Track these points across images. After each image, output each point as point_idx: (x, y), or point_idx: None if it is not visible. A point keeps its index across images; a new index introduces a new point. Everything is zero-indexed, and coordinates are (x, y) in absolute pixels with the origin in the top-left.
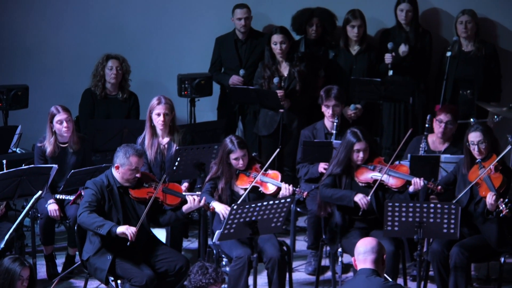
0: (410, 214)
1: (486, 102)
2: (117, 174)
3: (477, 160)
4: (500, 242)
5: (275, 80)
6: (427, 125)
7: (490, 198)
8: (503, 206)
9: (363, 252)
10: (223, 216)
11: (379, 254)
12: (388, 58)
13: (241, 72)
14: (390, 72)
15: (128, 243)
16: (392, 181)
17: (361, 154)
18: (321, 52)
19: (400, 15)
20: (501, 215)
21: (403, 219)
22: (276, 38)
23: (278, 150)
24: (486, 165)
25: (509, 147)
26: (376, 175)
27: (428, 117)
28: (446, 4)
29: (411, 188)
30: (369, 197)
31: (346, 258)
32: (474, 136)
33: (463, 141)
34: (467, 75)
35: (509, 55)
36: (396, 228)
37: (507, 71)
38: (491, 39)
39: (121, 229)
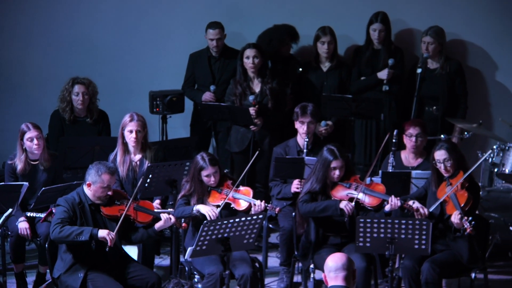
0: (382, 230)
1: (453, 118)
2: (88, 191)
3: (445, 177)
4: (471, 258)
5: (251, 98)
6: (394, 140)
7: (454, 217)
8: (467, 224)
9: (334, 270)
10: (210, 217)
11: (350, 270)
12: (384, 74)
13: (212, 88)
14: (386, 87)
15: (107, 248)
16: (368, 200)
17: (337, 172)
18: (288, 68)
19: (373, 34)
20: (465, 233)
21: (375, 235)
22: (249, 52)
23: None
24: (453, 182)
25: (476, 165)
26: (352, 193)
27: (395, 133)
28: (417, 22)
29: (387, 207)
30: (353, 203)
31: (318, 275)
32: (439, 155)
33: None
34: (432, 92)
35: (476, 72)
36: (368, 244)
37: (474, 88)
38: (458, 56)
39: (102, 232)
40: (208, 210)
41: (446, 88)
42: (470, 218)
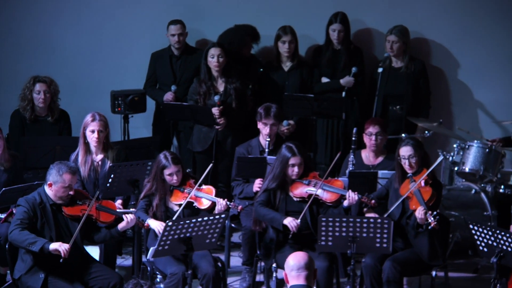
0: (344, 229)
1: (416, 117)
2: (50, 191)
3: (409, 175)
4: (431, 255)
5: (216, 97)
6: (353, 138)
7: (419, 212)
8: (432, 218)
9: (297, 269)
10: (159, 232)
11: (311, 269)
12: (346, 82)
13: (173, 88)
14: (343, 94)
15: (61, 260)
16: (326, 196)
17: (296, 169)
18: (249, 68)
19: (333, 34)
20: (429, 227)
21: (337, 234)
22: (213, 51)
23: (211, 165)
24: (416, 179)
25: (438, 160)
26: (311, 189)
27: (354, 131)
28: (378, 22)
29: (345, 203)
30: (299, 220)
31: (281, 274)
32: (405, 151)
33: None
34: (396, 91)
35: (438, 71)
36: (329, 243)
37: (437, 88)
38: (422, 56)
39: (53, 245)
40: (157, 225)
41: (410, 88)
42: (434, 212)
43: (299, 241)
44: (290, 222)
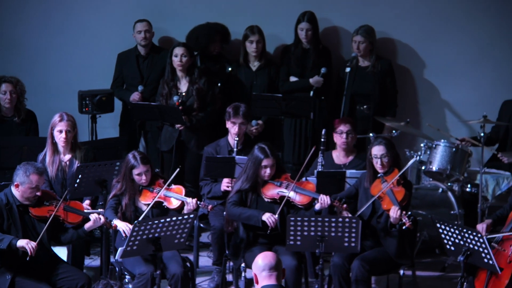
0: (312, 229)
1: (383, 117)
2: (16, 192)
3: (379, 174)
4: (399, 254)
5: (175, 98)
6: (322, 140)
7: (393, 212)
8: (406, 219)
9: (268, 269)
10: (124, 233)
11: (280, 269)
12: (315, 82)
13: (140, 88)
14: (311, 93)
15: (28, 258)
16: (298, 198)
17: (268, 170)
18: (217, 67)
19: (301, 33)
20: (404, 227)
21: (305, 233)
22: (177, 50)
23: (178, 169)
24: (388, 179)
25: (412, 161)
26: (282, 191)
27: (323, 132)
28: (345, 21)
29: (317, 206)
30: (276, 216)
31: (249, 273)
32: (377, 150)
33: (367, 155)
34: (363, 91)
35: (405, 71)
36: (298, 243)
37: (404, 87)
38: (388, 55)
39: (21, 242)
40: (123, 225)
41: (377, 87)
42: (409, 213)
43: (269, 241)
44: (268, 218)
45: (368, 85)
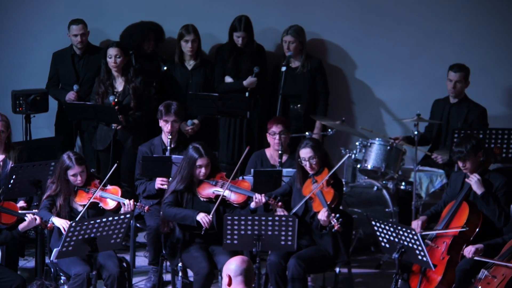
0: (249, 227)
1: (315, 116)
2: None
3: (310, 174)
4: (335, 252)
5: (111, 98)
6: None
7: (322, 214)
8: (335, 221)
9: (245, 273)
10: (64, 230)
11: (253, 275)
12: (248, 83)
13: (75, 87)
14: (246, 94)
15: None
16: (233, 197)
17: (203, 170)
18: (152, 66)
19: (237, 40)
20: (333, 230)
21: (242, 232)
22: (111, 51)
23: (115, 165)
24: (318, 180)
25: (342, 161)
26: (218, 190)
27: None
28: (280, 21)
29: (252, 204)
30: (210, 216)
31: (186, 273)
32: (304, 153)
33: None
34: (294, 91)
35: (339, 71)
36: (235, 242)
37: (338, 86)
38: (319, 55)
39: None
40: (62, 223)
41: (307, 86)
42: (337, 215)
43: (206, 241)
44: (202, 218)
45: (299, 85)
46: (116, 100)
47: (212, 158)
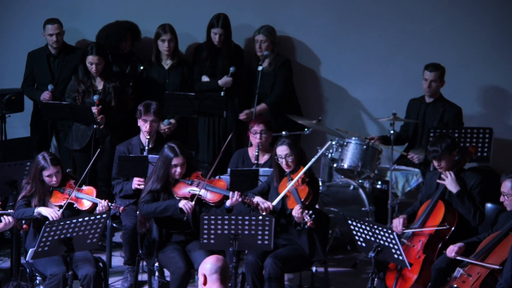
0: (226, 227)
1: (293, 115)
2: None
3: (286, 173)
4: (311, 251)
5: (95, 97)
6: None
7: (296, 212)
8: (308, 217)
9: (220, 272)
10: (52, 218)
11: (229, 274)
12: (224, 82)
13: (50, 87)
14: (222, 93)
15: None
16: (209, 196)
17: (178, 169)
18: (129, 66)
19: (214, 37)
20: (306, 226)
21: (219, 231)
22: (91, 59)
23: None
24: (294, 177)
25: (315, 158)
26: (194, 189)
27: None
28: (255, 21)
29: (228, 203)
30: (193, 202)
31: (162, 273)
32: (281, 150)
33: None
34: (265, 90)
35: (312, 69)
36: (212, 241)
37: (314, 86)
38: (294, 53)
39: None
40: (50, 212)
41: (271, 84)
42: (310, 212)
43: (183, 240)
44: (185, 204)
45: (266, 84)
46: (100, 98)
47: (188, 158)
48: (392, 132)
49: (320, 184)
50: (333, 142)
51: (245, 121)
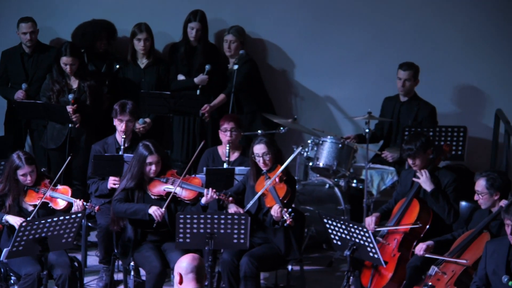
0: (202, 226)
1: (269, 114)
2: None
3: (263, 171)
4: (287, 250)
5: (70, 96)
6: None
7: (275, 209)
8: (287, 215)
9: (196, 271)
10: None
11: (205, 272)
12: (200, 80)
13: (23, 86)
14: (198, 91)
15: None
16: (184, 193)
17: (153, 167)
18: (105, 65)
19: (190, 32)
20: (285, 224)
21: (195, 230)
22: (65, 60)
23: (66, 162)
24: (271, 176)
25: (292, 156)
26: (168, 187)
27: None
28: (231, 20)
29: (203, 200)
30: (163, 209)
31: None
32: (258, 149)
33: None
34: (241, 88)
35: (288, 67)
36: (187, 240)
37: (286, 84)
38: (263, 53)
39: None
40: (17, 220)
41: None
42: (289, 209)
43: (158, 239)
44: (154, 211)
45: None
46: (75, 97)
47: (163, 156)
48: (367, 131)
49: (296, 182)
50: (309, 141)
51: (205, 118)
